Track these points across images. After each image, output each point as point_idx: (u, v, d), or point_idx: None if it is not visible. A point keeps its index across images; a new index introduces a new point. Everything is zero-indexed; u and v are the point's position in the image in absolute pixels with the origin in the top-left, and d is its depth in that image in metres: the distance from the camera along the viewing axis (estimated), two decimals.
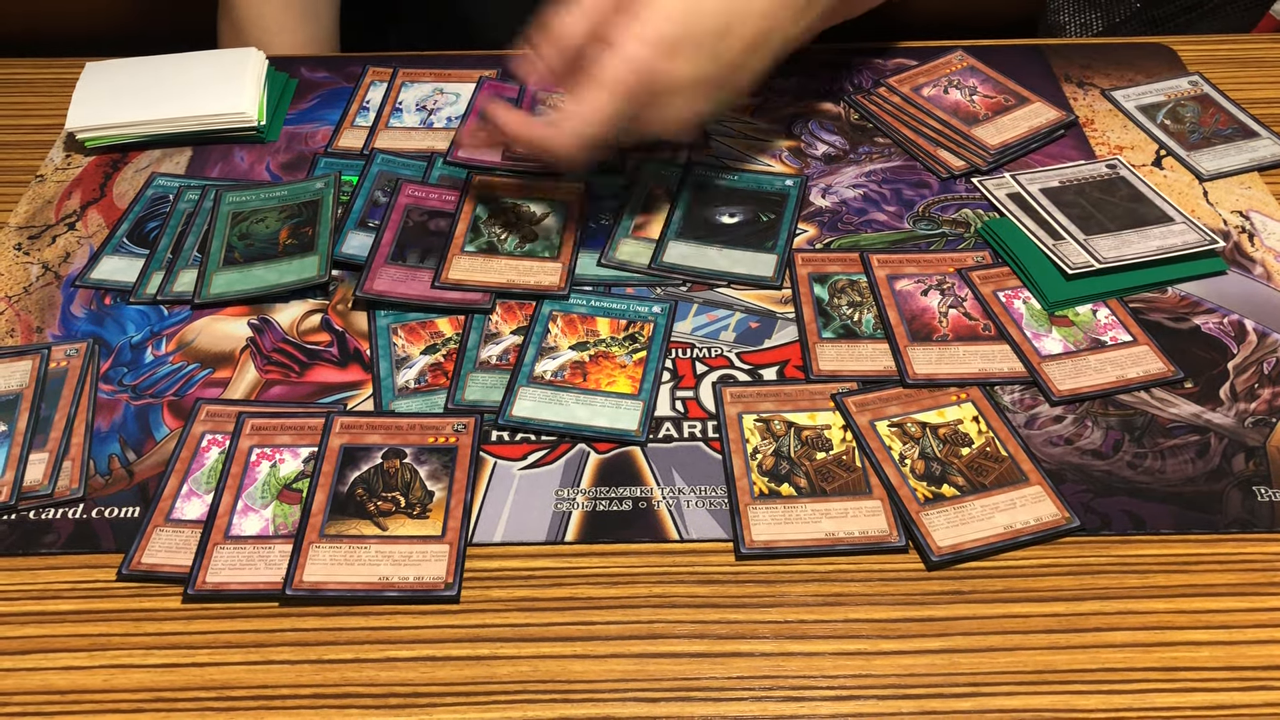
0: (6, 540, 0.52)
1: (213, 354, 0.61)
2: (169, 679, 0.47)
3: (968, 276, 0.64)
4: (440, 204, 0.69)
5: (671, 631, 0.49)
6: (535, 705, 0.46)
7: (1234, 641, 0.48)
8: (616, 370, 0.59)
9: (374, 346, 0.61)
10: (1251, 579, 0.50)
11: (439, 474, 0.54)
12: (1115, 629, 0.48)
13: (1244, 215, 0.69)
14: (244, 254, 0.67)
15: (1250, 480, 0.54)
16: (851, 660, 0.48)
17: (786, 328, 0.62)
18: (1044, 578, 0.50)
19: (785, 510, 0.53)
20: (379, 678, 0.47)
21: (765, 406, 0.58)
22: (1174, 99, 0.78)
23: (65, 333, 0.63)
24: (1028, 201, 0.68)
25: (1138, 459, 0.55)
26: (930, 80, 0.79)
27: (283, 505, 0.53)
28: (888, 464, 0.54)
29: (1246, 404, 0.58)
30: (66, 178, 0.74)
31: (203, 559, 0.51)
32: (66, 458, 0.56)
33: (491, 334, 0.62)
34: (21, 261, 0.68)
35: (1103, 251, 0.64)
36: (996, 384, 0.59)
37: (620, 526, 0.53)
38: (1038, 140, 0.75)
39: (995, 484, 0.53)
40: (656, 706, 0.46)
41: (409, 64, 0.83)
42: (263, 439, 0.56)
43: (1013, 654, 0.48)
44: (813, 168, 0.74)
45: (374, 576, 0.50)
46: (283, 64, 0.83)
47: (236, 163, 0.75)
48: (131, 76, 0.78)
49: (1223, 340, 0.61)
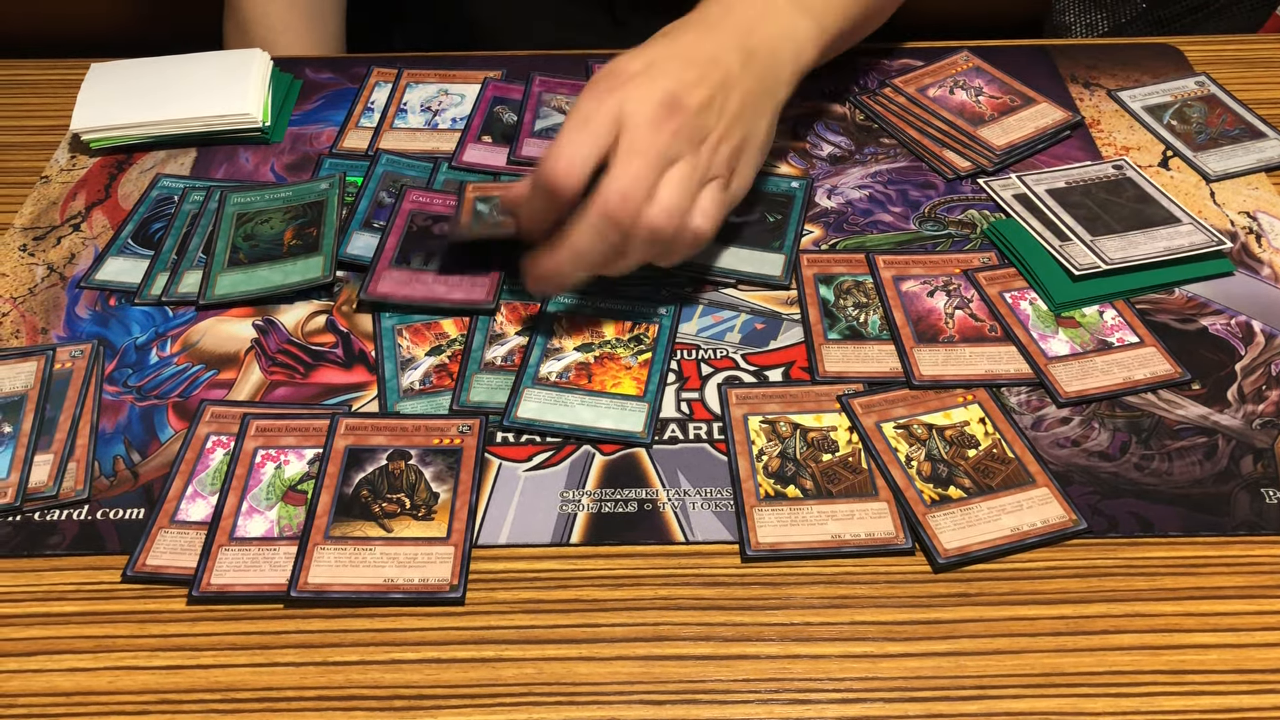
0: (11, 542, 0.52)
1: (217, 355, 0.61)
2: (174, 681, 0.47)
3: (974, 278, 0.64)
4: (446, 209, 0.69)
5: (677, 634, 0.49)
6: (540, 707, 0.46)
7: (1242, 644, 0.48)
8: (622, 372, 0.59)
9: (379, 348, 0.61)
10: (1260, 581, 0.50)
11: (444, 475, 0.54)
12: (1123, 631, 0.48)
13: (1251, 216, 0.69)
14: (249, 255, 0.67)
15: (1258, 482, 0.54)
16: (858, 663, 0.47)
17: (792, 329, 0.62)
18: (1051, 580, 0.50)
19: (791, 512, 0.52)
20: (384, 680, 0.47)
21: (771, 408, 0.57)
22: (1180, 99, 0.78)
23: (70, 334, 0.63)
24: (1034, 202, 0.68)
25: (1145, 461, 0.55)
26: (936, 81, 0.79)
27: (288, 507, 0.53)
28: (894, 466, 0.54)
29: (1254, 406, 0.57)
30: (71, 179, 0.74)
31: (207, 561, 0.51)
32: (71, 459, 0.56)
33: (496, 335, 0.62)
34: (26, 263, 0.68)
35: (1109, 252, 0.64)
36: (1003, 385, 0.58)
37: (625, 528, 0.53)
38: (1044, 141, 0.74)
39: (1002, 486, 0.53)
40: (662, 709, 0.46)
41: (414, 65, 0.83)
42: (267, 440, 0.56)
43: (1020, 657, 0.47)
44: (818, 169, 0.73)
45: (379, 578, 0.50)
46: (287, 65, 0.83)
47: (241, 164, 0.75)
48: (137, 77, 0.78)
49: (1230, 342, 0.61)
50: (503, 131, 0.76)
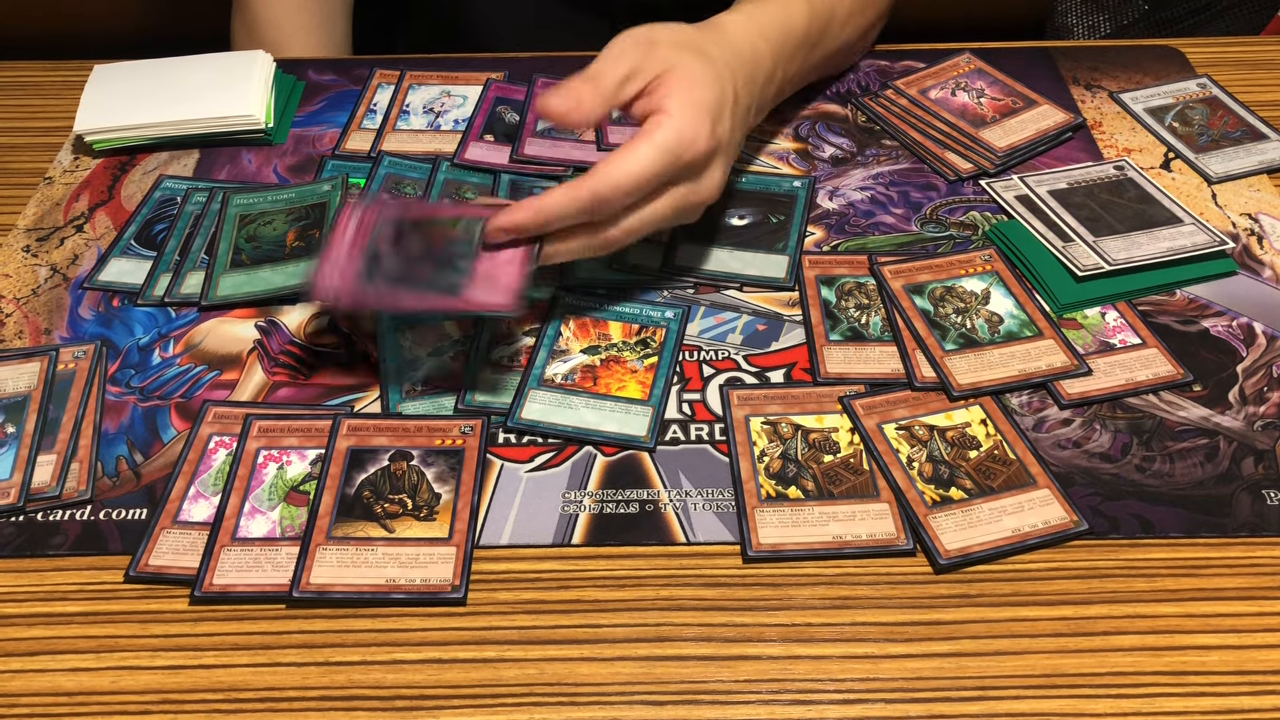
0: (14, 542, 0.53)
1: (220, 356, 0.62)
2: (176, 681, 0.47)
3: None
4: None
5: (678, 634, 0.49)
6: (542, 708, 0.46)
7: (1243, 646, 0.48)
8: (627, 375, 0.59)
9: (381, 349, 0.61)
10: (1261, 583, 0.50)
11: (446, 476, 0.54)
12: (1124, 633, 0.48)
13: (1253, 218, 0.69)
14: (251, 256, 0.67)
15: (1259, 484, 0.54)
16: (859, 663, 0.47)
17: (794, 330, 0.62)
18: (1052, 581, 0.50)
19: (792, 513, 0.53)
20: (386, 680, 0.47)
21: (772, 409, 0.57)
22: (1182, 101, 0.78)
23: (73, 335, 0.63)
24: (1036, 204, 0.68)
25: (1146, 462, 0.55)
26: (938, 83, 0.79)
27: (290, 507, 0.53)
28: (895, 467, 0.54)
29: (1256, 407, 0.57)
30: (75, 180, 0.74)
31: (210, 561, 0.51)
32: (74, 459, 0.56)
33: (503, 335, 0.62)
34: (30, 264, 0.68)
35: (1112, 253, 0.64)
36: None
37: (627, 529, 0.53)
38: (1045, 142, 0.74)
39: (1003, 487, 0.53)
40: (663, 709, 0.46)
41: (416, 66, 0.83)
42: (270, 441, 0.56)
43: (1021, 658, 0.47)
44: (820, 170, 0.74)
45: (381, 579, 0.50)
46: (290, 66, 0.83)
47: (244, 165, 0.75)
48: (140, 79, 0.78)
49: (1232, 343, 0.61)
50: (504, 131, 0.76)
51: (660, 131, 0.56)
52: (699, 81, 0.58)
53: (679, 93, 0.57)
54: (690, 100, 0.57)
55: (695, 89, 0.57)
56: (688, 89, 0.57)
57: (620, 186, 0.55)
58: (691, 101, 0.57)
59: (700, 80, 0.58)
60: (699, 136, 0.57)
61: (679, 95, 0.57)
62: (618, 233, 0.57)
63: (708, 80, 0.58)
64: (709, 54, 0.60)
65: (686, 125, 0.56)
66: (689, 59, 0.58)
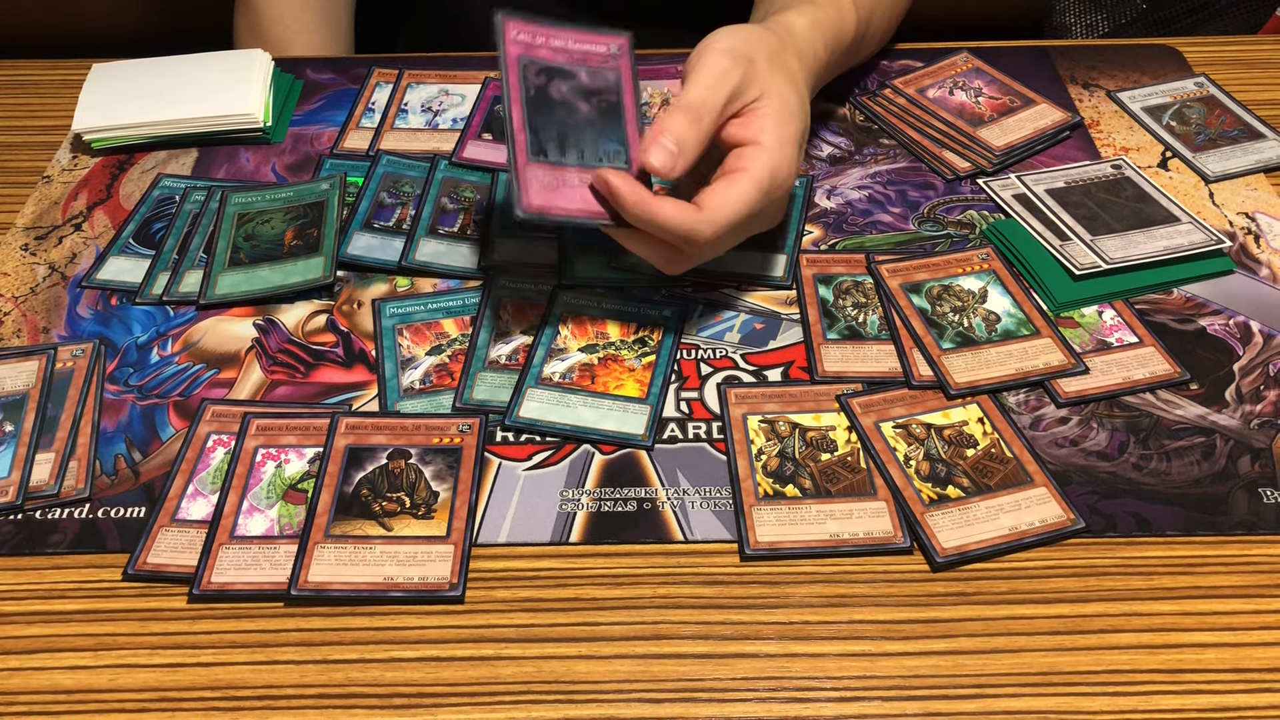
0: (12, 540, 0.53)
1: (218, 354, 0.62)
2: (174, 679, 0.47)
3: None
4: (563, 56, 0.58)
5: (676, 632, 0.49)
6: (539, 706, 0.46)
7: (1239, 644, 0.48)
8: (625, 374, 0.59)
9: (379, 347, 0.61)
10: (1257, 581, 0.50)
11: (444, 474, 0.54)
12: (1120, 631, 0.48)
13: (1250, 217, 0.69)
14: (249, 255, 0.67)
15: (1256, 482, 0.54)
16: (856, 661, 0.48)
17: (791, 329, 0.62)
18: (1049, 579, 0.50)
19: (790, 511, 0.53)
20: (384, 678, 0.47)
21: (770, 407, 0.58)
22: (1180, 100, 0.78)
23: (71, 333, 0.63)
24: (1034, 202, 0.68)
25: (1143, 460, 0.55)
26: (935, 82, 0.79)
27: (288, 505, 0.53)
28: (892, 465, 0.54)
29: (1252, 406, 0.58)
30: (73, 179, 0.74)
31: (208, 559, 0.51)
32: (72, 458, 0.56)
33: (501, 333, 0.62)
34: (28, 262, 0.68)
35: (1110, 252, 0.64)
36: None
37: (625, 527, 0.53)
38: (1043, 141, 0.75)
39: (1000, 485, 0.53)
40: (660, 707, 0.46)
41: (414, 65, 0.83)
42: (268, 439, 0.56)
43: (1017, 656, 0.48)
44: (818, 169, 0.74)
45: (379, 577, 0.50)
46: (288, 65, 0.83)
47: (242, 164, 0.75)
48: (138, 78, 0.78)
49: (1228, 342, 0.61)
50: (503, 129, 0.76)
51: (758, 167, 0.56)
52: (792, 114, 0.58)
53: (774, 127, 0.57)
54: (784, 135, 0.57)
55: (788, 123, 0.57)
56: (782, 122, 0.57)
57: (722, 226, 0.55)
58: (785, 137, 0.57)
59: (794, 113, 0.58)
60: (790, 174, 0.57)
61: (774, 130, 0.57)
62: (691, 263, 0.58)
63: (798, 113, 0.59)
64: (793, 73, 0.60)
65: (781, 161, 0.57)
66: (781, 83, 0.58)
